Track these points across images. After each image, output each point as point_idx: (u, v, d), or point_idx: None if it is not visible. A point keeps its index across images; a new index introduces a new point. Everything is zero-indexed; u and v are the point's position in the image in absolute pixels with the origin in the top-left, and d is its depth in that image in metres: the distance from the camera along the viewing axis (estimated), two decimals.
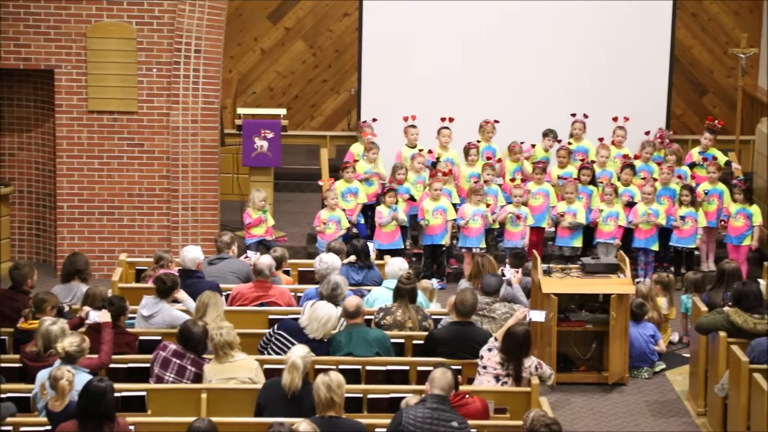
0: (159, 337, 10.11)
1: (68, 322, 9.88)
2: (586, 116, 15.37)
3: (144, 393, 9.18)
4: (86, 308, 10.12)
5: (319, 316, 9.86)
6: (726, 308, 10.56)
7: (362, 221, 14.82)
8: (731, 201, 14.45)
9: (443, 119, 15.20)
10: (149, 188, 14.60)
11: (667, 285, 12.76)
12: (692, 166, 15.16)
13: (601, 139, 15.20)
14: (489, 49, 16.42)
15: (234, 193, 16.34)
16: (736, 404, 9.95)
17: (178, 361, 9.43)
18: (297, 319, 10.09)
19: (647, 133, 15.30)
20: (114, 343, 9.72)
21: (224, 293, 11.01)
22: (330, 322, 9.90)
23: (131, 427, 8.48)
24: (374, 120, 15.57)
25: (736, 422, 10.01)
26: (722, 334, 10.39)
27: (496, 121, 15.32)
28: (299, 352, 8.82)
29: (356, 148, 15.42)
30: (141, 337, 10.25)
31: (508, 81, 16.40)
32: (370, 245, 12.43)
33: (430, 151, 15.17)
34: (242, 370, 9.35)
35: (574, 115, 15.42)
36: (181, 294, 10.75)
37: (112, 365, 9.65)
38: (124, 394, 9.07)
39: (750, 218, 14.24)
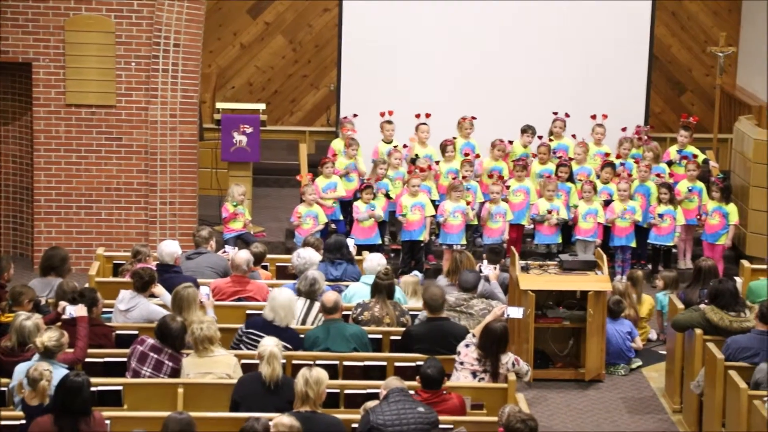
0: (136, 332, 10.09)
1: (44, 317, 9.85)
2: (567, 115, 15.40)
3: (120, 387, 9.16)
4: (63, 303, 10.08)
5: (281, 302, 9.87)
6: (702, 306, 10.60)
7: (341, 217, 14.82)
8: (709, 199, 14.52)
9: (417, 116, 15.21)
10: (127, 182, 14.56)
11: (636, 281, 12.79)
12: (670, 164, 15.22)
13: (574, 137, 15.23)
14: (468, 45, 16.45)
15: (212, 187, 16.30)
16: (712, 401, 10.00)
17: (155, 356, 9.41)
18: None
19: (624, 129, 15.35)
20: (91, 334, 9.69)
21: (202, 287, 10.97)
22: (292, 303, 9.92)
23: (107, 422, 8.46)
24: (355, 116, 15.57)
25: (711, 419, 10.06)
26: (698, 331, 10.44)
27: (474, 118, 15.33)
28: (271, 342, 8.86)
29: (337, 144, 15.42)
30: (118, 332, 10.22)
31: (487, 78, 16.43)
32: (350, 241, 12.43)
33: (405, 146, 15.17)
34: (220, 366, 9.34)
35: (555, 113, 15.45)
36: (159, 288, 10.72)
37: (88, 359, 9.62)
38: (100, 388, 9.03)
39: (726, 217, 14.30)
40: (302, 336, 10.13)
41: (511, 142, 15.30)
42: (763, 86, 18.29)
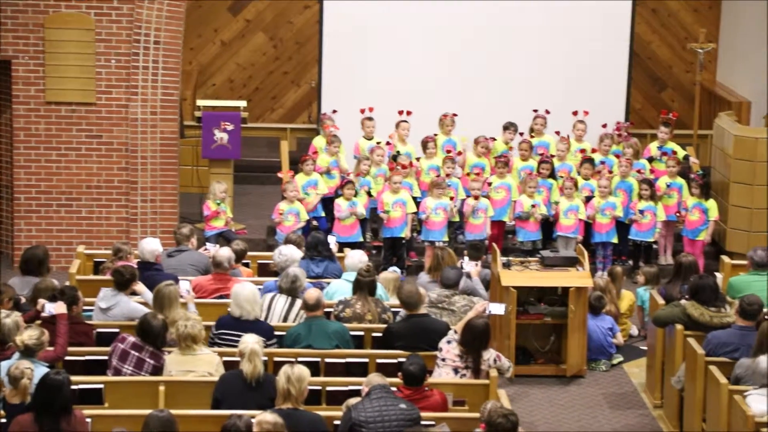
0: (117, 330, 10.06)
1: (24, 315, 9.81)
2: (548, 112, 15.43)
3: (101, 386, 9.13)
4: (42, 301, 10.04)
5: (245, 296, 9.88)
6: (683, 301, 10.63)
7: (323, 214, 14.81)
8: (689, 195, 14.57)
9: (400, 112, 15.22)
10: (108, 180, 14.51)
11: (615, 277, 12.83)
12: (650, 160, 15.26)
13: (557, 133, 15.26)
14: (450, 42, 16.46)
15: (193, 185, 16.26)
16: (692, 396, 10.03)
17: (136, 354, 9.39)
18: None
19: (605, 126, 15.39)
20: (71, 332, 9.66)
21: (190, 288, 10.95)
22: (256, 295, 9.92)
23: (88, 420, 8.43)
24: (334, 112, 15.56)
25: (692, 414, 10.10)
26: (679, 327, 10.47)
27: (455, 114, 15.35)
28: (252, 339, 8.86)
29: (318, 141, 15.41)
30: (99, 330, 10.19)
31: (468, 74, 16.45)
32: (331, 238, 12.42)
33: (387, 143, 15.18)
34: (203, 364, 9.33)
35: (536, 110, 15.47)
36: (140, 286, 10.70)
37: (69, 357, 9.59)
38: (81, 386, 9.01)
39: (706, 213, 14.35)
40: (283, 333, 10.13)
41: (493, 139, 15.32)
42: (742, 82, 18.37)
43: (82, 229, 14.52)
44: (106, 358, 9.52)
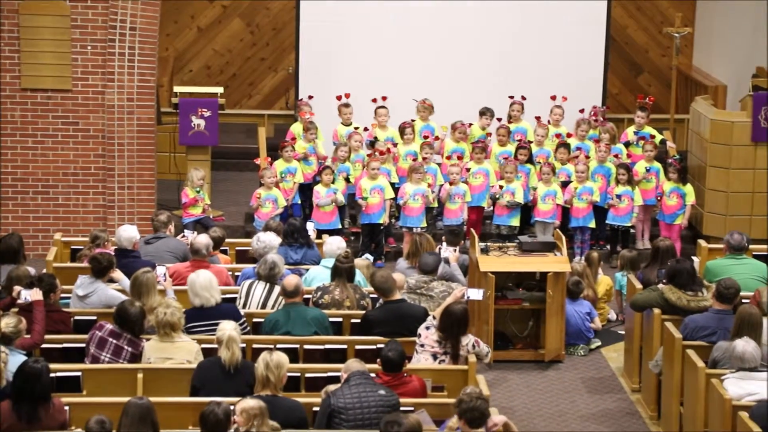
0: (95, 317, 10.03)
1: None
2: (524, 98, 15.44)
3: (79, 373, 9.11)
4: (18, 288, 10.00)
5: (201, 284, 9.84)
6: (660, 285, 10.67)
7: (298, 201, 14.79)
8: (666, 179, 14.62)
9: (374, 100, 15.19)
10: (84, 167, 14.45)
11: (591, 262, 12.86)
12: (627, 144, 15.30)
13: (538, 118, 15.27)
14: (426, 27, 16.43)
15: (171, 172, 16.20)
16: (670, 380, 10.08)
17: (114, 341, 9.37)
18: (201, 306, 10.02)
19: (581, 111, 15.42)
20: (49, 320, 9.63)
21: (166, 272, 10.91)
22: (210, 280, 9.88)
23: (66, 408, 8.41)
24: (310, 97, 15.52)
25: (669, 398, 10.14)
26: (656, 311, 10.51)
27: (430, 104, 15.31)
28: (229, 326, 8.86)
29: (296, 128, 15.37)
30: (76, 317, 10.16)
31: (445, 60, 16.43)
32: (309, 225, 12.41)
33: (366, 129, 15.17)
34: (182, 352, 9.32)
35: (512, 97, 15.48)
36: (117, 273, 10.66)
37: (47, 345, 9.56)
38: (58, 374, 8.98)
39: (683, 197, 14.40)
40: (261, 320, 10.13)
41: (470, 125, 15.31)
42: (718, 66, 18.42)
43: (59, 216, 14.46)
44: (83, 345, 9.50)
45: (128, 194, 14.50)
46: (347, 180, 14.65)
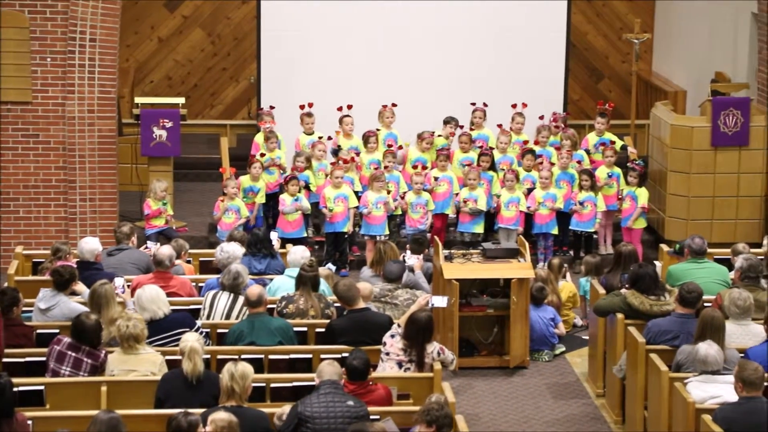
0: (57, 330, 9.96)
1: None
2: (485, 105, 15.50)
3: (42, 387, 9.04)
4: None
5: (147, 297, 9.80)
6: (623, 290, 10.72)
7: (261, 214, 14.78)
8: (625, 184, 14.72)
9: (339, 108, 15.21)
10: (45, 179, 14.36)
11: (554, 268, 12.91)
12: (588, 152, 15.38)
13: (500, 125, 15.33)
14: (388, 36, 16.47)
15: (133, 183, 16.14)
16: (634, 384, 10.13)
17: (73, 354, 9.31)
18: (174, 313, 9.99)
19: (542, 117, 15.49)
20: (11, 334, 9.56)
21: (126, 283, 10.86)
22: (156, 292, 9.84)
23: (29, 422, 8.35)
24: (272, 108, 15.51)
25: (633, 402, 10.19)
26: (620, 315, 10.56)
27: (394, 105, 15.35)
28: (192, 337, 8.82)
29: (260, 138, 15.35)
30: (39, 331, 10.09)
31: (407, 69, 16.47)
32: (273, 234, 12.39)
33: (330, 138, 15.17)
34: (146, 364, 9.27)
35: (474, 104, 15.53)
36: (80, 286, 10.60)
37: (9, 360, 9.49)
38: (21, 388, 8.91)
39: (636, 200, 14.51)
40: (225, 330, 10.10)
41: (433, 134, 15.34)
42: (678, 72, 18.57)
43: (20, 229, 14.37)
44: (45, 359, 9.42)
45: (90, 206, 14.42)
46: (307, 188, 14.64)
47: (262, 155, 14.85)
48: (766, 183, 14.72)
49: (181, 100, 15.57)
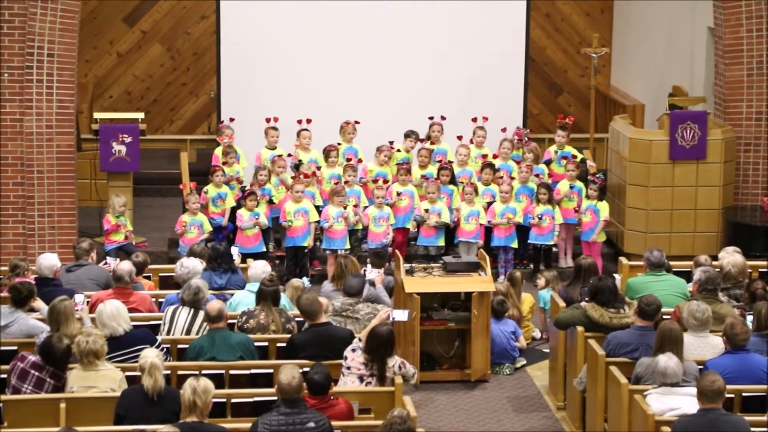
0: (15, 347, 9.87)
1: None
2: (443, 118, 15.55)
3: (0, 404, 8.96)
4: None
5: (108, 314, 9.73)
6: (583, 303, 10.78)
7: (231, 224, 14.75)
8: (585, 198, 14.80)
9: (299, 121, 15.23)
10: (3, 195, 14.25)
11: (515, 281, 12.96)
12: (549, 162, 15.47)
13: (459, 138, 15.38)
14: (348, 50, 16.51)
15: (92, 198, 16.05)
16: (594, 397, 10.17)
17: (36, 374, 9.24)
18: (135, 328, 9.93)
19: (504, 130, 15.56)
20: None
21: (86, 300, 10.79)
22: (117, 309, 9.79)
23: None
24: (231, 120, 15.50)
25: (594, 415, 10.24)
26: (580, 328, 10.61)
27: (357, 122, 15.40)
28: (152, 353, 8.78)
29: (220, 151, 15.32)
30: None
31: (368, 82, 16.50)
32: (234, 249, 12.36)
33: (290, 155, 15.16)
34: (105, 380, 9.21)
35: (431, 118, 15.58)
36: (38, 303, 10.53)
37: None
38: None
39: (597, 213, 14.59)
40: (186, 346, 10.05)
41: (392, 146, 15.36)
42: (636, 86, 18.71)
43: None
44: (4, 376, 9.34)
45: (48, 222, 14.33)
46: (270, 202, 14.62)
47: (225, 163, 14.82)
48: (723, 196, 14.85)
49: (141, 115, 15.51)
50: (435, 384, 11.81)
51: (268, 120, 15.24)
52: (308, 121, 15.24)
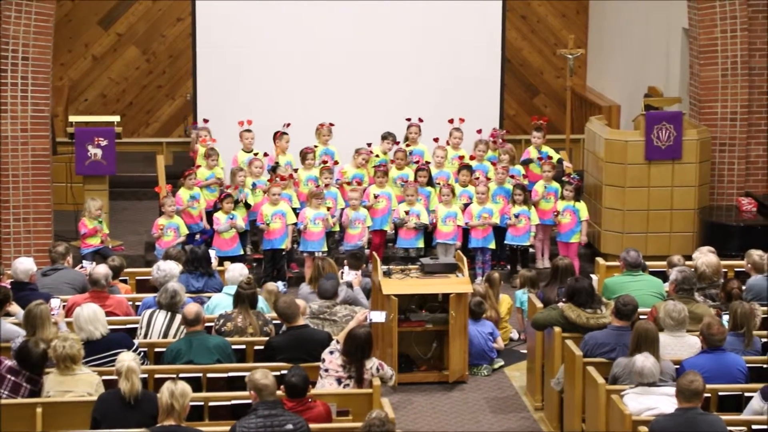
0: None
1: None
2: (421, 120, 15.57)
3: None
4: None
5: (85, 317, 9.67)
6: (560, 304, 10.80)
7: (207, 226, 14.73)
8: (561, 198, 14.84)
9: (285, 126, 15.21)
10: None
11: (493, 282, 12.98)
12: (528, 162, 15.50)
13: (436, 140, 15.40)
14: (324, 52, 16.50)
15: (68, 202, 15.99)
16: (572, 397, 10.20)
17: (12, 378, 9.19)
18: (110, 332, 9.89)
19: (479, 131, 15.58)
20: None
21: (62, 304, 10.75)
22: (94, 313, 9.75)
23: None
24: (206, 121, 15.47)
25: (571, 415, 10.26)
26: (557, 329, 10.63)
27: (332, 124, 15.40)
28: (128, 357, 8.75)
29: (201, 151, 15.28)
30: None
31: (344, 84, 16.50)
32: (212, 252, 12.34)
33: (266, 154, 15.15)
34: (82, 385, 9.17)
35: (409, 119, 15.60)
36: (14, 307, 10.48)
37: None
38: None
39: (577, 214, 14.63)
40: (163, 349, 10.02)
41: (371, 150, 15.37)
42: (611, 86, 18.78)
43: None
44: None
45: (24, 226, 14.26)
46: (247, 205, 14.60)
47: (198, 167, 14.78)
48: (699, 196, 14.91)
49: (116, 119, 15.47)
50: (413, 386, 11.82)
51: (241, 123, 15.22)
52: (287, 124, 15.23)
